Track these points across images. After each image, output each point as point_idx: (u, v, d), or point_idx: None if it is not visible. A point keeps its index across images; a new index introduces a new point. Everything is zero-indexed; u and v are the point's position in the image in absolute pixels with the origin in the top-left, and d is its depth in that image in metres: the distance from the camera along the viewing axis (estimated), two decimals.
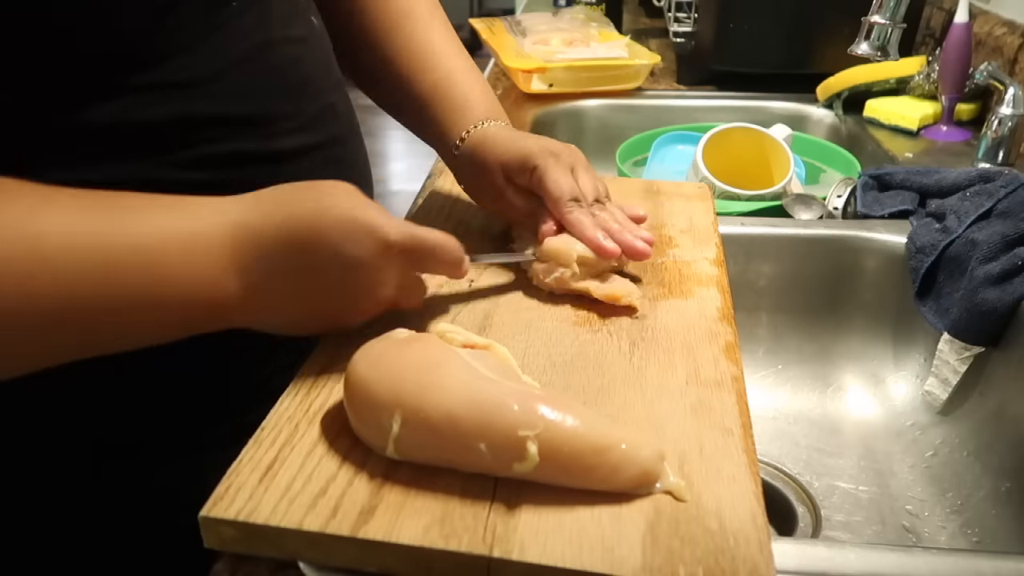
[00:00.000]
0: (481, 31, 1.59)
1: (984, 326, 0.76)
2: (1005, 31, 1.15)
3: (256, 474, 0.42)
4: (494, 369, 0.44)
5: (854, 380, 0.93)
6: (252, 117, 0.57)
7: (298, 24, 0.62)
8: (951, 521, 0.75)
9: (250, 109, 0.56)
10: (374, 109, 0.80)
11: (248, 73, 0.56)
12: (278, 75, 0.59)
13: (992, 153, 1.04)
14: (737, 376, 0.51)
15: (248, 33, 0.56)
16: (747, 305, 0.93)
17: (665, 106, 1.39)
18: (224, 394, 0.61)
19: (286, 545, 0.39)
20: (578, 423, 0.41)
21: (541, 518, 0.39)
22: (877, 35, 1.06)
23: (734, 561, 0.37)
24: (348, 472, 0.42)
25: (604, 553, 0.38)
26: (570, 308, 0.59)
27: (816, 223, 0.92)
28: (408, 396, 0.41)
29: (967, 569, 0.47)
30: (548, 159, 0.62)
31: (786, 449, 0.86)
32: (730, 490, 0.42)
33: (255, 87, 0.57)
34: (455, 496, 0.41)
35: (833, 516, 0.77)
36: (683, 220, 0.74)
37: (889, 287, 0.89)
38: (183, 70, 0.52)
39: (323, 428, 0.45)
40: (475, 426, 0.40)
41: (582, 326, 0.57)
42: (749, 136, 1.03)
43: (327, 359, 0.51)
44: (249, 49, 0.56)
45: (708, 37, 1.42)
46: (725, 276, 0.64)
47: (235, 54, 0.55)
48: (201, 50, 0.53)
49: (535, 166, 0.61)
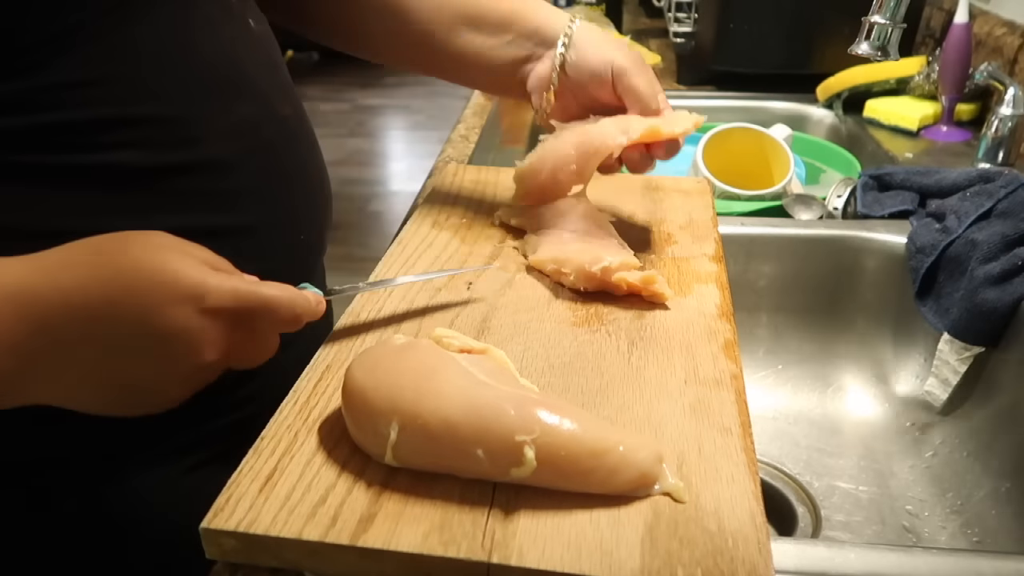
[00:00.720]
0: None
1: (984, 326, 0.76)
2: (1005, 31, 1.15)
3: (256, 484, 0.42)
4: (491, 374, 0.44)
5: (854, 380, 0.93)
6: (169, 119, 0.52)
7: (230, 26, 0.59)
8: (951, 521, 0.75)
9: (168, 111, 0.52)
10: (374, 109, 0.80)
11: (167, 73, 0.53)
12: (204, 75, 0.55)
13: (992, 153, 1.04)
14: (736, 374, 0.51)
15: (166, 33, 0.53)
16: (747, 305, 0.93)
17: None
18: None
19: (286, 555, 0.39)
20: (575, 427, 0.41)
21: (539, 523, 0.39)
22: (877, 35, 1.06)
23: (732, 562, 0.37)
24: (347, 480, 0.42)
25: (602, 556, 0.38)
26: (568, 309, 0.59)
27: (816, 223, 0.92)
28: (405, 403, 0.41)
29: (967, 569, 0.47)
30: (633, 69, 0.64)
31: (786, 449, 0.86)
32: (729, 490, 0.42)
33: (174, 87, 0.53)
34: (453, 502, 0.41)
35: (833, 516, 0.78)
36: (682, 216, 0.74)
37: (889, 287, 0.89)
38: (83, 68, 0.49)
39: (322, 436, 0.45)
40: (472, 432, 0.40)
41: (580, 326, 0.57)
42: (749, 136, 1.03)
43: (325, 366, 0.51)
44: (169, 49, 0.53)
45: (708, 37, 1.42)
46: (724, 273, 0.64)
47: (150, 52, 0.52)
48: (106, 48, 0.49)
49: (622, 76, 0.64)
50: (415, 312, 0.58)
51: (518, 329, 0.56)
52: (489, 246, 0.68)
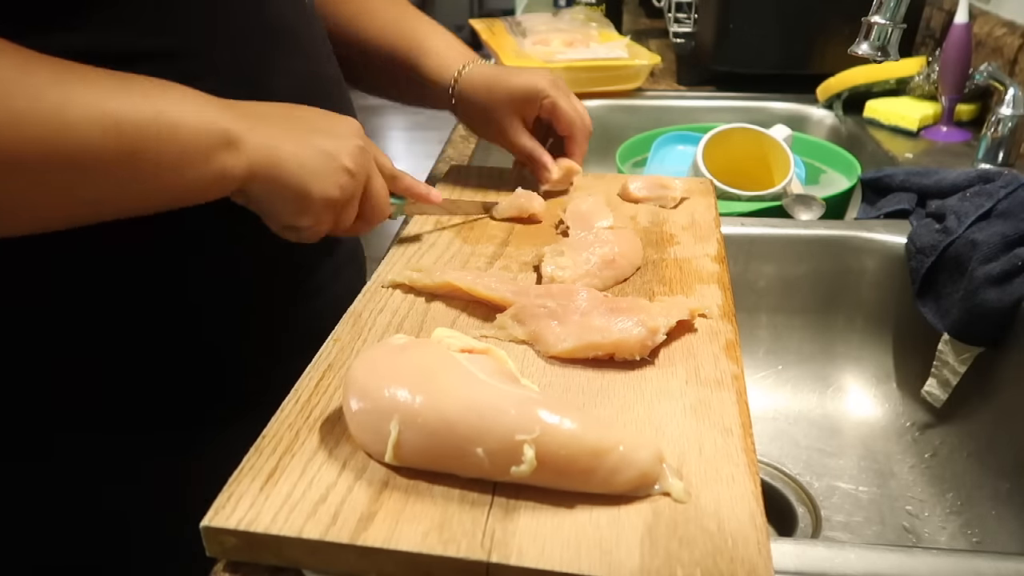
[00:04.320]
0: (481, 32, 1.59)
1: (984, 326, 0.76)
2: (1005, 31, 1.15)
3: (257, 483, 0.42)
4: (492, 373, 0.44)
5: (854, 380, 0.93)
6: (244, 71, 0.58)
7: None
8: (951, 521, 0.75)
9: (243, 64, 0.58)
10: (374, 110, 0.82)
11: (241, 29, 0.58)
12: (273, 35, 0.60)
13: (992, 154, 1.04)
14: (737, 375, 0.51)
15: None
16: (747, 305, 0.93)
17: (665, 106, 1.40)
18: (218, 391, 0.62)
19: (287, 553, 0.39)
20: (575, 426, 0.41)
21: (539, 522, 0.40)
22: (877, 35, 1.06)
23: (732, 562, 0.37)
24: (348, 479, 0.42)
25: (602, 556, 0.38)
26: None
27: (816, 223, 0.92)
28: (406, 402, 0.41)
29: (967, 569, 0.47)
30: (554, 90, 0.75)
31: (786, 449, 0.86)
32: (729, 490, 0.42)
33: (249, 43, 0.58)
34: (454, 501, 0.41)
35: (833, 516, 0.78)
36: (684, 216, 0.74)
37: (889, 287, 0.89)
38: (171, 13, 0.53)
39: (323, 435, 0.45)
40: (472, 431, 0.40)
41: None
42: (749, 137, 1.03)
43: (327, 366, 0.52)
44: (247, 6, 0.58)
45: (708, 37, 1.42)
46: (726, 273, 0.64)
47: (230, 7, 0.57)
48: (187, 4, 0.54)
49: (546, 96, 0.75)
50: (416, 312, 0.58)
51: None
52: (491, 246, 0.68)
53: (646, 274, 0.64)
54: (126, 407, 0.59)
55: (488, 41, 1.53)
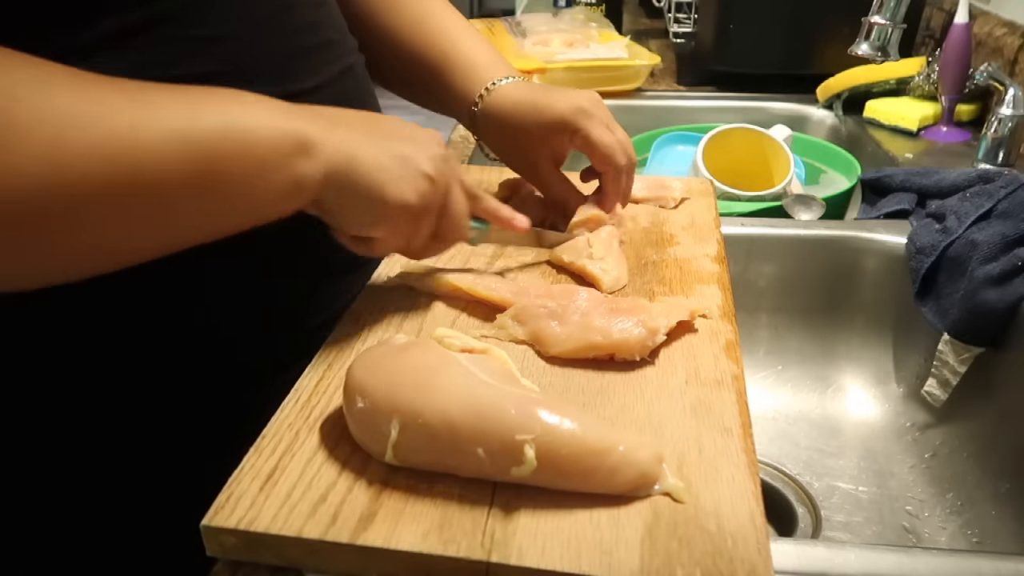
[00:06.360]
0: (481, 32, 1.59)
1: (984, 327, 0.76)
2: (1005, 32, 1.15)
3: (257, 482, 0.42)
4: (492, 373, 0.44)
5: (854, 380, 0.93)
6: (274, 77, 0.56)
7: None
8: (951, 521, 0.75)
9: (271, 69, 0.56)
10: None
11: (269, 33, 0.56)
12: (299, 37, 0.58)
13: (992, 154, 1.04)
14: (737, 375, 0.51)
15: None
16: (747, 306, 0.93)
17: (665, 107, 1.40)
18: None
19: (286, 552, 0.39)
20: (575, 426, 0.41)
21: (539, 522, 0.40)
22: (877, 35, 1.06)
23: (732, 562, 0.37)
24: (348, 479, 0.42)
25: (602, 556, 0.38)
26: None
27: (816, 223, 0.92)
28: (406, 402, 0.41)
29: (967, 569, 0.47)
30: (586, 120, 0.66)
31: (786, 450, 0.86)
32: (729, 490, 0.42)
33: (276, 47, 0.56)
34: (454, 501, 0.41)
35: (833, 517, 0.78)
36: (684, 217, 0.74)
37: (889, 287, 0.89)
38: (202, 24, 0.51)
39: (323, 435, 0.45)
40: (473, 431, 0.40)
41: None
42: (749, 137, 1.03)
43: (327, 365, 0.52)
44: (270, 10, 0.56)
45: (708, 37, 1.42)
46: (726, 273, 0.64)
47: (256, 13, 0.55)
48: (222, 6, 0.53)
49: (576, 129, 0.65)
50: (417, 312, 0.58)
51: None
52: (492, 246, 0.68)
53: (646, 274, 0.64)
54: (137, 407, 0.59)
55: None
